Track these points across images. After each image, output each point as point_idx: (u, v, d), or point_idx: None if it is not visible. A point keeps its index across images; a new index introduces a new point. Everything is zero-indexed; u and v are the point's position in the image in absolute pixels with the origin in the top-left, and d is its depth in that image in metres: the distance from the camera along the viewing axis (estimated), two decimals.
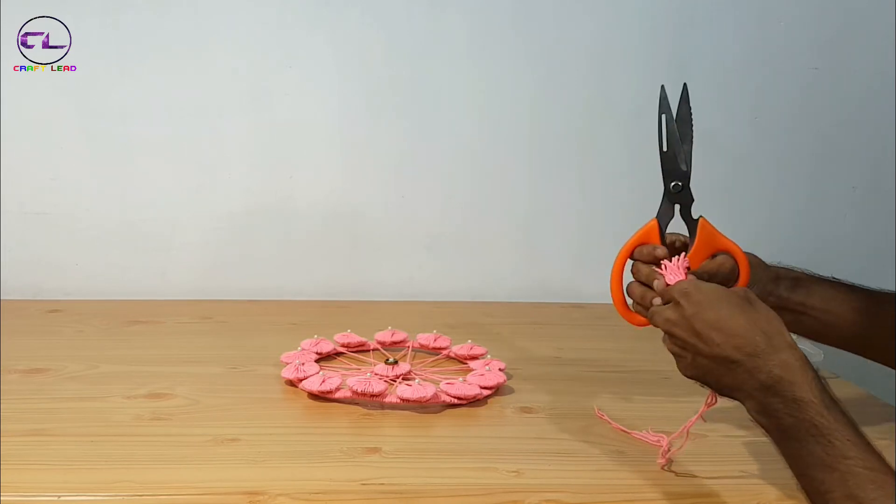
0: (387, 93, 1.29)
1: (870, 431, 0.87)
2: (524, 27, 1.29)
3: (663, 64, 1.33)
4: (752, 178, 1.38)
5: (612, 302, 0.80)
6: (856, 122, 1.38)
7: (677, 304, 0.70)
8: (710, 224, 0.78)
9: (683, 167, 0.77)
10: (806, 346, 0.80)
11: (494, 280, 1.37)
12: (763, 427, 0.64)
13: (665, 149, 0.78)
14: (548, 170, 1.35)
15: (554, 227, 1.37)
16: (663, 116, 0.77)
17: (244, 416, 0.85)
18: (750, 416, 0.66)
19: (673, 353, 0.70)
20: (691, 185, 0.79)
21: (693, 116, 0.78)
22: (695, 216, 0.78)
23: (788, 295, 0.84)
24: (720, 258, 0.78)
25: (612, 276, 0.80)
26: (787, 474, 0.75)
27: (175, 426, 0.82)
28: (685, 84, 0.78)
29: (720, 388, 0.68)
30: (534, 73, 1.31)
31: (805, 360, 0.63)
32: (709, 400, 0.73)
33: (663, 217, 0.79)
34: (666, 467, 0.77)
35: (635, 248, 0.80)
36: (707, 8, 1.32)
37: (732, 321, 0.65)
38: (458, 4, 1.27)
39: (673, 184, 0.78)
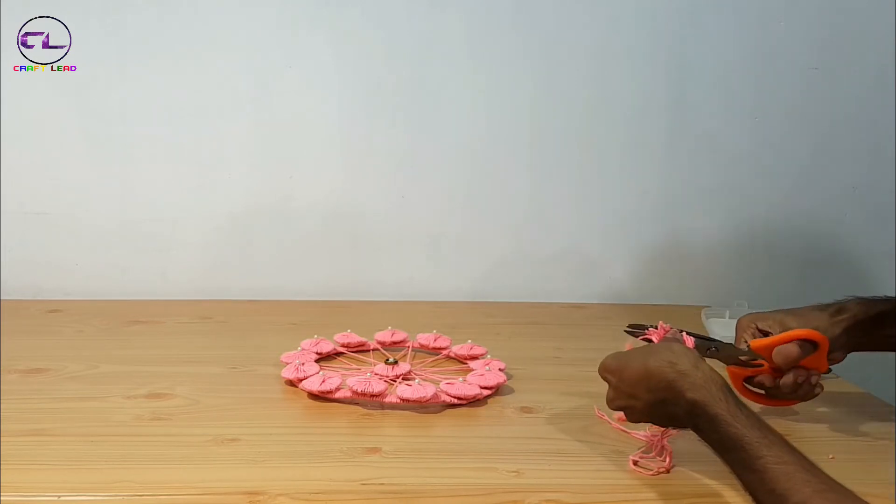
0: (387, 93, 1.29)
1: (870, 431, 0.88)
2: (524, 27, 1.29)
3: (663, 64, 1.33)
4: (752, 178, 1.38)
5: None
6: (855, 122, 1.38)
7: (608, 382, 0.77)
8: (760, 341, 0.84)
9: (703, 340, 0.84)
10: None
11: (494, 280, 1.37)
12: (704, 442, 0.69)
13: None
14: (548, 170, 1.35)
15: (554, 227, 1.37)
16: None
17: (244, 416, 0.85)
18: None
19: (641, 422, 0.76)
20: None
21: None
22: (744, 347, 0.85)
23: (864, 340, 0.88)
24: (790, 346, 0.83)
25: None
26: None
27: (175, 426, 0.82)
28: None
29: (674, 426, 0.75)
30: (534, 73, 1.31)
31: (709, 374, 0.69)
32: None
33: (731, 362, 0.87)
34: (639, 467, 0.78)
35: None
36: (707, 8, 1.31)
37: (644, 366, 0.72)
38: (458, 4, 1.27)
39: (709, 350, 0.84)
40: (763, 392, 0.88)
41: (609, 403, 0.77)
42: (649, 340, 0.82)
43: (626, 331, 0.85)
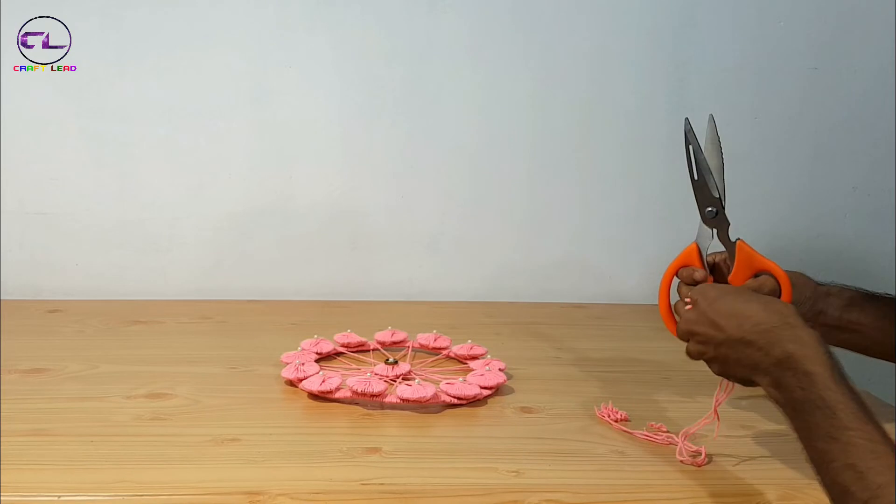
0: (387, 93, 1.29)
1: None
2: (524, 27, 1.29)
3: (663, 64, 1.33)
4: (752, 178, 1.38)
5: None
6: (855, 122, 1.38)
7: (695, 303, 0.75)
8: (748, 246, 0.80)
9: (716, 193, 0.80)
10: None
11: (494, 280, 1.37)
12: (776, 401, 0.67)
13: (696, 178, 0.81)
14: (547, 170, 1.35)
15: (554, 227, 1.37)
16: (690, 147, 0.80)
17: (244, 416, 0.85)
18: (765, 393, 0.68)
19: (699, 355, 0.74)
20: (727, 211, 0.81)
21: (722, 144, 0.81)
22: (733, 239, 0.81)
23: (840, 314, 0.88)
24: (761, 278, 0.80)
25: (659, 294, 0.84)
26: (787, 474, 0.75)
27: (175, 426, 0.82)
28: (711, 115, 0.81)
29: (741, 375, 0.71)
30: (533, 73, 1.31)
31: (818, 337, 0.66)
32: (725, 387, 0.77)
33: (702, 240, 0.82)
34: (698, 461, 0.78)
35: (678, 269, 0.83)
36: (707, 8, 1.32)
37: (746, 306, 0.70)
38: (458, 5, 1.27)
39: (707, 210, 0.81)
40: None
41: (684, 324, 0.75)
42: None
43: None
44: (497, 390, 0.94)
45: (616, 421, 0.87)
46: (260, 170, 1.30)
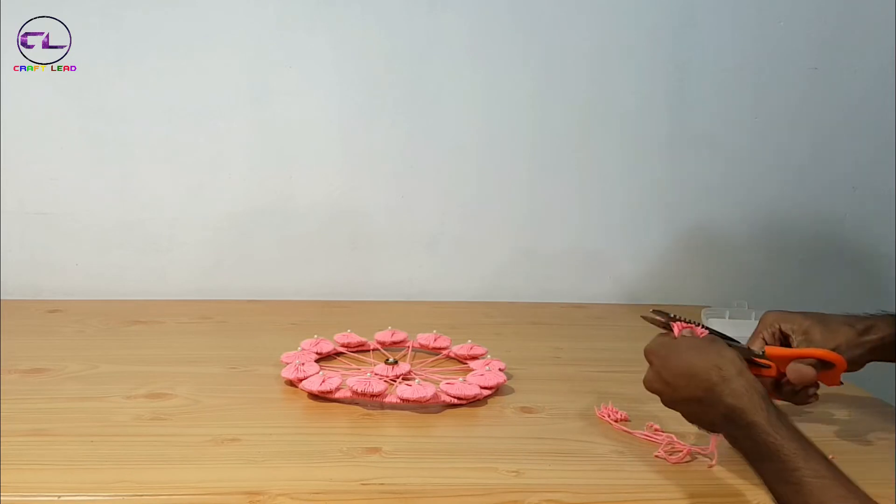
0: (387, 93, 1.29)
1: (870, 431, 0.89)
2: (524, 27, 1.29)
3: (663, 64, 1.33)
4: (752, 178, 1.38)
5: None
6: (855, 122, 1.38)
7: (650, 362, 0.77)
8: (776, 349, 0.82)
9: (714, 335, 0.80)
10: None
11: (494, 280, 1.37)
12: (737, 450, 0.69)
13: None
14: (548, 170, 1.35)
15: (554, 227, 1.37)
16: (669, 321, 0.80)
17: (244, 416, 0.85)
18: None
19: (666, 405, 0.76)
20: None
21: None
22: (759, 351, 0.82)
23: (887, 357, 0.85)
24: (798, 368, 0.80)
25: None
26: None
27: (175, 426, 0.82)
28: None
29: (702, 425, 0.74)
30: (534, 73, 1.31)
31: (752, 383, 0.69)
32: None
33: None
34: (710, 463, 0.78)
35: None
36: (707, 8, 1.32)
37: (690, 363, 0.72)
38: (458, 4, 1.27)
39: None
40: None
41: (645, 384, 0.77)
42: (667, 327, 0.80)
43: (643, 317, 0.82)
44: (497, 390, 0.94)
45: (616, 421, 0.87)
46: (260, 170, 1.30)
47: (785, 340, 0.84)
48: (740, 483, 0.75)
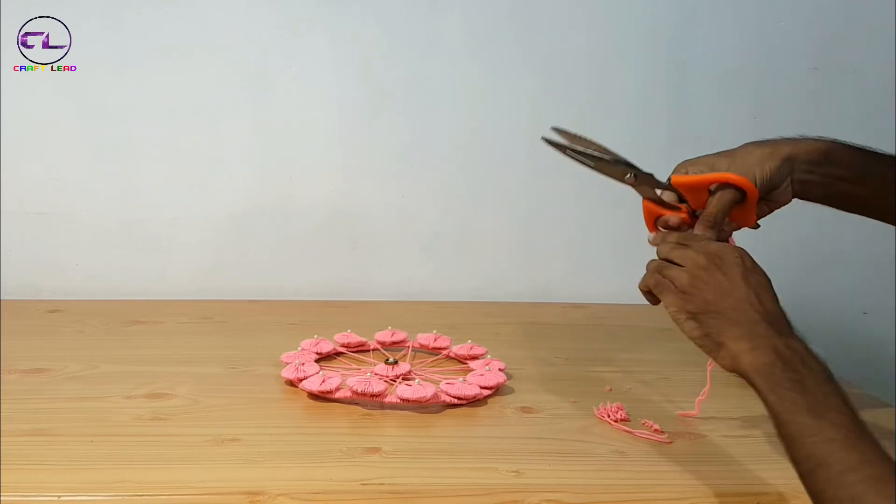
0: (387, 93, 1.29)
1: None
2: (524, 27, 1.29)
3: (663, 64, 1.33)
4: None
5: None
6: (856, 122, 1.38)
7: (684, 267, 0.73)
8: (683, 177, 0.78)
9: (619, 158, 0.78)
10: None
11: (494, 280, 1.37)
12: (754, 371, 0.64)
13: (592, 163, 0.79)
14: (547, 170, 1.35)
15: (553, 228, 1.37)
16: (566, 151, 0.79)
17: (244, 416, 0.85)
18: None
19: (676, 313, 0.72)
20: (635, 163, 0.80)
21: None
22: (664, 181, 0.79)
23: (809, 177, 0.84)
24: (719, 193, 0.77)
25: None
26: (787, 475, 0.75)
27: (175, 426, 0.82)
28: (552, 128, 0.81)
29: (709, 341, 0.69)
30: (533, 73, 1.31)
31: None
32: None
33: (648, 195, 0.81)
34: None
35: (654, 222, 0.81)
36: (707, 8, 1.32)
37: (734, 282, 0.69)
38: (458, 4, 1.27)
39: (626, 177, 0.79)
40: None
41: (673, 281, 0.73)
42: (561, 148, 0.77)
43: (544, 138, 0.79)
44: (497, 390, 0.94)
45: (616, 421, 0.87)
46: (260, 170, 1.30)
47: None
48: (741, 483, 0.75)
